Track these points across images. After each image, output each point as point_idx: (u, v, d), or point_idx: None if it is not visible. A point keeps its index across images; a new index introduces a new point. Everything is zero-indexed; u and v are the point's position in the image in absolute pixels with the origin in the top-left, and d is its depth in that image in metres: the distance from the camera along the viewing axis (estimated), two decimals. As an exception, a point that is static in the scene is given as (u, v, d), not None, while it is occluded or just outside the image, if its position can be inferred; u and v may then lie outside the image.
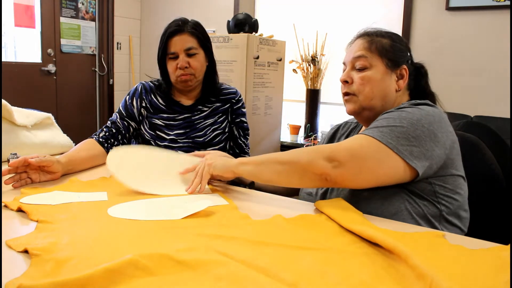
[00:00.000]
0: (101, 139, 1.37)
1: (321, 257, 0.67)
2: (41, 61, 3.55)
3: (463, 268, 0.63)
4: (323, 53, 3.28)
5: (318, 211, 0.91)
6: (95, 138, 1.37)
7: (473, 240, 0.78)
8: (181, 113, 1.49)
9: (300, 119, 3.44)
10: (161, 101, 1.50)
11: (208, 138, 1.48)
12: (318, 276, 0.61)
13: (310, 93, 3.29)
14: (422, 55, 2.98)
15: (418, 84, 1.08)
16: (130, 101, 1.49)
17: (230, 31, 2.97)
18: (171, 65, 1.43)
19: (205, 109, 1.51)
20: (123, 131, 1.45)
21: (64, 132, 1.52)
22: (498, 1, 2.75)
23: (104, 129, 1.43)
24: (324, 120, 3.42)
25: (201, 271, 0.60)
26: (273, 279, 0.58)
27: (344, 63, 1.08)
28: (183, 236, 0.74)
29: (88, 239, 0.70)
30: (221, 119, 1.53)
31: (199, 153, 1.16)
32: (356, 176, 0.89)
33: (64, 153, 1.20)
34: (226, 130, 1.54)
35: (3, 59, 3.28)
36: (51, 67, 3.59)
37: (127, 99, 1.50)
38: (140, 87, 1.51)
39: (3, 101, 1.27)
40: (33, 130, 1.39)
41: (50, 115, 1.48)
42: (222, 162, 1.04)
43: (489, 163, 1.11)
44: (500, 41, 2.78)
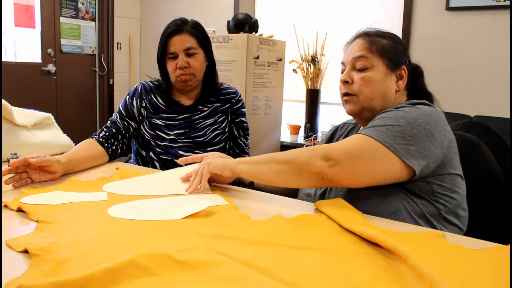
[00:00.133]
0: (101, 139, 1.37)
1: (321, 257, 0.67)
2: (41, 61, 3.55)
3: (463, 268, 0.63)
4: (323, 53, 3.28)
5: (318, 211, 0.91)
6: (95, 138, 1.37)
7: (473, 240, 0.78)
8: (181, 113, 1.49)
9: (300, 119, 3.44)
10: (161, 101, 1.50)
11: (208, 138, 1.48)
12: (318, 276, 0.61)
13: (310, 93, 3.29)
14: (422, 55, 2.99)
15: (415, 85, 1.08)
16: (130, 101, 1.49)
17: (230, 31, 2.97)
18: (171, 65, 1.43)
19: (205, 109, 1.51)
20: (123, 131, 1.45)
21: (64, 132, 1.52)
22: (498, 1, 2.75)
23: (104, 129, 1.43)
24: (324, 120, 3.42)
25: (201, 271, 0.60)
26: (273, 279, 0.58)
27: (343, 63, 1.07)
28: (183, 236, 0.74)
29: (88, 239, 0.70)
30: (221, 119, 1.53)
31: (197, 157, 1.15)
32: (353, 175, 0.89)
33: (64, 153, 1.20)
34: (226, 130, 1.54)
35: (3, 59, 3.28)
36: (51, 67, 3.59)
37: (127, 99, 1.50)
38: (140, 87, 1.51)
39: (3, 101, 1.27)
40: (33, 130, 1.39)
41: (50, 115, 1.48)
42: (221, 161, 1.05)
43: (489, 163, 1.11)
44: (500, 41, 2.78)
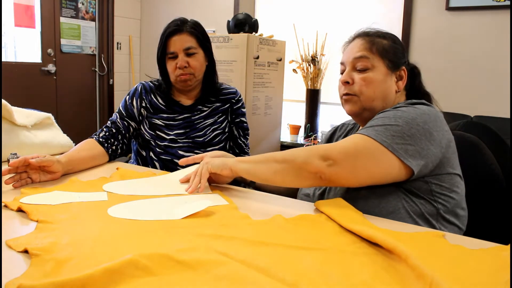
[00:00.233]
0: (101, 139, 1.37)
1: (321, 257, 0.67)
2: (41, 61, 3.55)
3: (463, 268, 0.63)
4: (323, 53, 3.28)
5: (318, 211, 0.91)
6: (95, 138, 1.37)
7: (473, 240, 0.78)
8: (181, 113, 1.49)
9: (300, 119, 3.44)
10: (161, 101, 1.50)
11: (208, 138, 1.48)
12: (318, 276, 0.61)
13: (310, 93, 3.29)
14: (422, 55, 2.99)
15: (413, 85, 1.08)
16: (130, 101, 1.49)
17: (230, 31, 2.97)
18: (171, 65, 1.43)
19: (205, 109, 1.51)
20: (123, 131, 1.45)
21: (64, 132, 1.52)
22: (498, 1, 2.75)
23: (104, 129, 1.43)
24: (324, 120, 3.42)
25: (201, 271, 0.60)
26: (273, 279, 0.58)
27: (343, 63, 1.07)
28: (183, 236, 0.74)
29: (88, 239, 0.70)
30: (221, 119, 1.53)
31: (197, 157, 1.15)
32: (351, 174, 0.89)
33: (64, 153, 1.20)
34: (226, 130, 1.54)
35: (3, 59, 3.28)
36: (51, 67, 3.59)
37: (127, 99, 1.50)
38: (140, 87, 1.51)
39: (3, 101, 1.27)
40: (33, 130, 1.39)
41: (50, 115, 1.48)
42: (220, 160, 1.05)
43: (489, 163, 1.11)
44: (500, 41, 2.78)
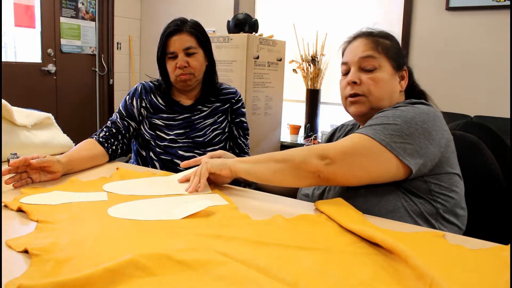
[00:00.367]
0: (101, 139, 1.37)
1: (321, 257, 0.67)
2: (41, 61, 3.55)
3: (463, 268, 0.63)
4: (323, 53, 3.28)
5: (318, 211, 0.91)
6: (95, 138, 1.37)
7: (473, 240, 0.78)
8: (181, 113, 1.49)
9: (300, 119, 3.44)
10: (161, 101, 1.50)
11: (208, 138, 1.48)
12: (318, 276, 0.61)
13: (310, 93, 3.29)
14: (422, 55, 2.99)
15: (409, 84, 1.08)
16: (130, 101, 1.49)
17: (230, 31, 2.97)
18: (170, 65, 1.44)
19: (205, 109, 1.51)
20: (123, 131, 1.45)
21: (64, 132, 1.52)
22: (498, 1, 2.75)
23: (104, 129, 1.43)
24: (324, 120, 3.42)
25: (201, 271, 0.60)
26: (273, 279, 0.58)
27: (347, 63, 1.05)
28: (183, 236, 0.74)
29: (88, 239, 0.70)
30: (221, 119, 1.53)
31: (198, 159, 1.15)
32: (349, 173, 0.90)
33: (64, 153, 1.20)
34: (226, 130, 1.54)
35: (3, 59, 3.28)
36: (51, 67, 3.59)
37: (127, 99, 1.50)
38: (140, 87, 1.51)
39: (3, 101, 1.27)
40: (33, 130, 1.39)
41: (50, 115, 1.48)
42: (220, 160, 1.06)
43: (489, 163, 1.11)
44: (500, 41, 2.78)
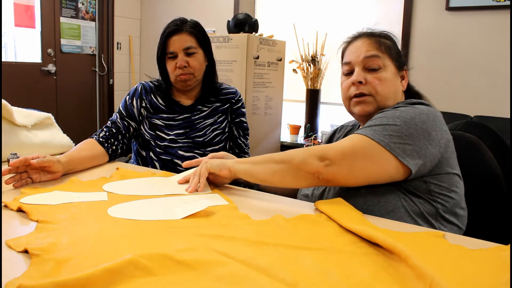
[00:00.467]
0: (101, 139, 1.37)
1: (321, 257, 0.67)
2: (41, 61, 3.55)
3: (463, 268, 0.63)
4: (323, 53, 3.28)
5: (318, 211, 0.91)
6: (95, 138, 1.37)
7: (473, 240, 0.78)
8: (181, 113, 1.49)
9: (300, 119, 3.44)
10: (161, 101, 1.50)
11: (208, 138, 1.48)
12: (318, 276, 0.61)
13: (310, 93, 3.29)
14: (422, 55, 2.99)
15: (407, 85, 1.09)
16: (130, 101, 1.49)
17: (230, 31, 2.97)
18: (170, 65, 1.44)
19: (205, 109, 1.51)
20: (123, 131, 1.45)
21: (64, 132, 1.52)
22: (498, 1, 2.75)
23: (104, 129, 1.43)
24: (324, 120, 3.42)
25: (201, 271, 0.60)
26: (273, 279, 0.58)
27: (349, 63, 1.04)
28: (183, 236, 0.74)
29: (88, 239, 0.70)
30: (221, 119, 1.53)
31: (199, 160, 1.14)
32: (348, 174, 0.90)
33: (65, 153, 1.20)
34: (226, 130, 1.54)
35: (3, 59, 3.28)
36: (51, 67, 3.59)
37: (127, 99, 1.50)
38: (140, 87, 1.51)
39: (3, 101, 1.27)
40: (33, 130, 1.39)
41: (50, 115, 1.48)
42: (219, 160, 1.06)
43: (489, 163, 1.11)
44: (500, 41, 2.78)
